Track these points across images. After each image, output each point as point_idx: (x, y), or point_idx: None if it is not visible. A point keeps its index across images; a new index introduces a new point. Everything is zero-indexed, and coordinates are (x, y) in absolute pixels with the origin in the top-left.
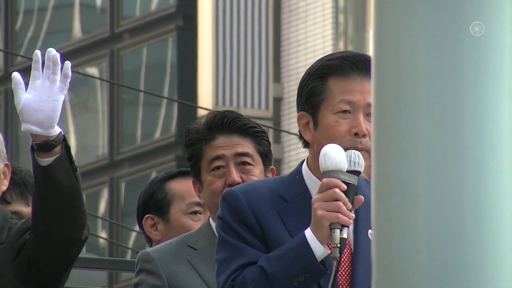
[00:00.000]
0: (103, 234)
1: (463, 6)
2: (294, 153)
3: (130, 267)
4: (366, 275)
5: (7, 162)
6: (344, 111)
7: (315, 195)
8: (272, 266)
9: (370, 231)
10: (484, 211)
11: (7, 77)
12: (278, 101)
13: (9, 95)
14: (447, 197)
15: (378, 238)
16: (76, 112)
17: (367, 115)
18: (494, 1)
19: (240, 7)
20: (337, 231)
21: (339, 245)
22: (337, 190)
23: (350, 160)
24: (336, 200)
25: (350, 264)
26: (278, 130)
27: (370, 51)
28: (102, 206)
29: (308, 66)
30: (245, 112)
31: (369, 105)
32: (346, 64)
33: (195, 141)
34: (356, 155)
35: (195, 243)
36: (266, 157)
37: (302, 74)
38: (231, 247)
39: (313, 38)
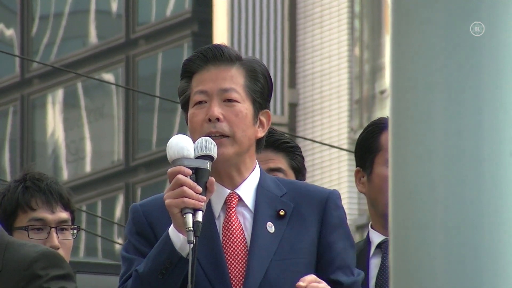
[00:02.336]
0: (119, 240)
1: (481, 9)
2: (310, 159)
3: None
4: (261, 267)
5: None
6: (200, 102)
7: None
8: (143, 266)
9: (269, 223)
10: (502, 217)
11: (23, 83)
12: (293, 106)
13: (25, 101)
14: (465, 202)
15: (395, 244)
16: (92, 118)
17: (225, 100)
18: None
19: (256, 12)
20: (188, 215)
21: (191, 228)
22: (180, 176)
23: (197, 147)
24: (181, 185)
25: (245, 256)
26: (293, 136)
27: (387, 56)
28: (118, 212)
29: (323, 72)
30: None
31: (223, 90)
32: (198, 58)
33: None
34: (203, 140)
35: None
36: (299, 172)
37: (318, 79)
38: (126, 262)
39: (328, 43)
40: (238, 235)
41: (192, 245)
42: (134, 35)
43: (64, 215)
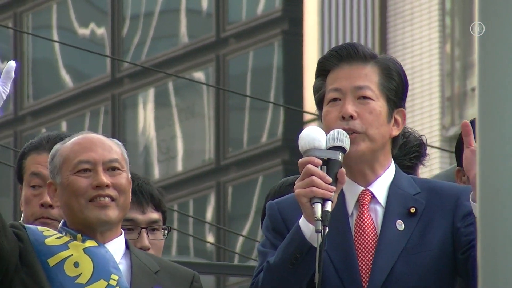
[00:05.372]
0: (210, 239)
1: None
2: None
3: (237, 271)
4: (387, 264)
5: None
6: (334, 99)
7: None
8: (274, 256)
9: (398, 221)
10: None
11: (114, 83)
12: None
13: (116, 101)
14: None
15: (483, 240)
16: (183, 117)
17: (359, 98)
18: None
19: (346, 10)
20: (317, 205)
21: (320, 218)
22: (310, 166)
23: (330, 138)
24: (310, 175)
25: (373, 251)
26: None
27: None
28: (209, 211)
29: (414, 69)
30: None
31: (357, 87)
32: (333, 56)
33: None
34: (336, 132)
35: None
36: None
37: (409, 76)
38: (261, 256)
39: (419, 41)
40: (370, 232)
41: (320, 234)
42: (224, 34)
43: (155, 215)
